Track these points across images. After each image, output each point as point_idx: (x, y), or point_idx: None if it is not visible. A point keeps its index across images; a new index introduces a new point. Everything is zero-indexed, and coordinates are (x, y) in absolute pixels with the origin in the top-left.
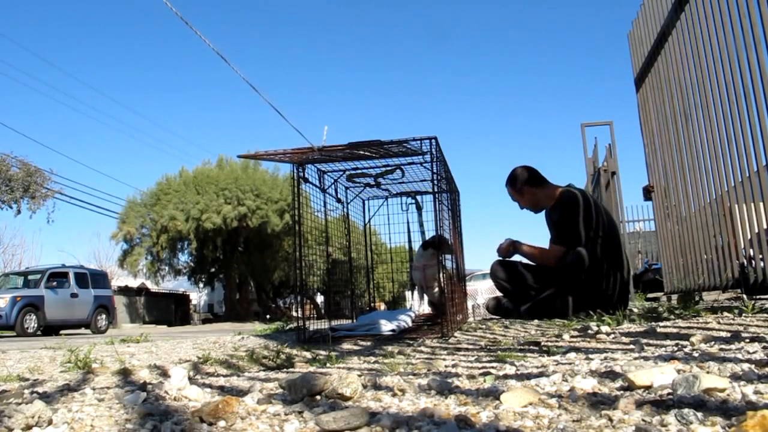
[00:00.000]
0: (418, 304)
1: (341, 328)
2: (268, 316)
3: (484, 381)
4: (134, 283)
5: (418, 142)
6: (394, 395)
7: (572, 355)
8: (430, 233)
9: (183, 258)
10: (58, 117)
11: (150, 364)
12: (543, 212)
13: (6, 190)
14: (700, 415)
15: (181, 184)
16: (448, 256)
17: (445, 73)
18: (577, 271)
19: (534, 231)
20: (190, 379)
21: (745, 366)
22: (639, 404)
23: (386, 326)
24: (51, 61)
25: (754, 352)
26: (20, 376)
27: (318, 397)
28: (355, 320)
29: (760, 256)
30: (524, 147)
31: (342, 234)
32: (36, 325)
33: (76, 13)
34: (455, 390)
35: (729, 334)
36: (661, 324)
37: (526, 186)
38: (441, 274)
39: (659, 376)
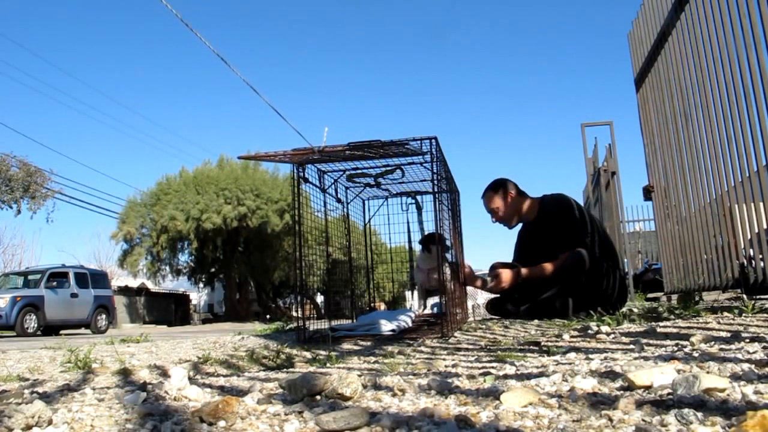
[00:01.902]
0: (418, 306)
1: (341, 328)
2: (268, 316)
3: (484, 381)
4: (134, 283)
5: (418, 142)
6: (394, 395)
7: (572, 355)
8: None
9: (183, 258)
10: (58, 117)
11: (150, 364)
12: (514, 227)
13: (6, 190)
14: (700, 415)
15: (181, 184)
16: (449, 254)
17: (445, 73)
18: (579, 271)
19: None
20: (190, 379)
21: (745, 366)
22: (639, 404)
23: (386, 326)
24: (51, 61)
25: (754, 352)
26: (20, 376)
27: (318, 397)
28: (355, 320)
29: (760, 256)
30: (524, 147)
31: (342, 234)
32: (36, 325)
33: (77, 13)
34: (455, 390)
35: (729, 334)
36: (661, 324)
37: (511, 192)
38: (443, 275)
39: (659, 376)
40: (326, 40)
